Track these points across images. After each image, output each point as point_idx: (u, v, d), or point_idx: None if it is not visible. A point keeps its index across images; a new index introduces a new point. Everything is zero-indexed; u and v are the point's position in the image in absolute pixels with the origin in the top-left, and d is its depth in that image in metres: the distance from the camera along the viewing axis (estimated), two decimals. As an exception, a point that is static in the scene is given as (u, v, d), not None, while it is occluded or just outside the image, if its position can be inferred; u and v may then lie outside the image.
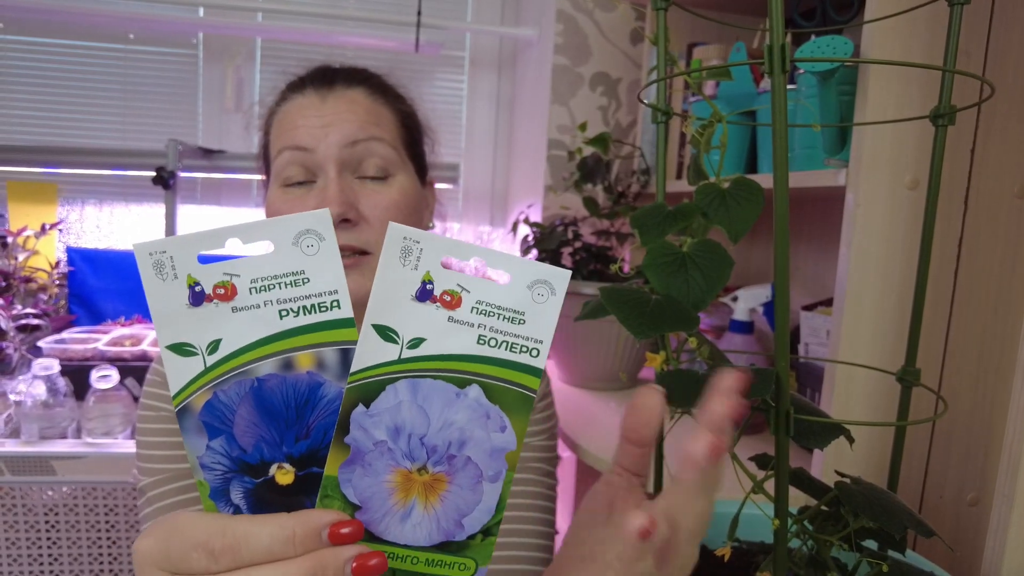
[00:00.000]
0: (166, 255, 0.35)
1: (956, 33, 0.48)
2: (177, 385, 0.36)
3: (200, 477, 0.37)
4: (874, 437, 0.73)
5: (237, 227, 0.35)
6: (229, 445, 0.37)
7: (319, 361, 0.37)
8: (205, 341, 0.36)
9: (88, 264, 1.69)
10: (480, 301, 0.36)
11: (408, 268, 0.35)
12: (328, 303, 0.36)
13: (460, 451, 0.37)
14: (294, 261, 0.36)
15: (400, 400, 0.36)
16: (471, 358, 0.36)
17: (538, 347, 0.37)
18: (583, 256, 1.29)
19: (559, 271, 0.36)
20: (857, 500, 0.41)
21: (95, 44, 1.70)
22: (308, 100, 0.72)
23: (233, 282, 0.36)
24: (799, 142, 0.87)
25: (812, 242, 1.21)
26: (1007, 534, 0.58)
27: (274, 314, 0.36)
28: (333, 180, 0.68)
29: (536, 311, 0.36)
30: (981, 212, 0.71)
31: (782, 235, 0.39)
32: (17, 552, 1.25)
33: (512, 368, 0.37)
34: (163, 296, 0.35)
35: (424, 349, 0.36)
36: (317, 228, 0.35)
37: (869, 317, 0.72)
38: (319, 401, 0.37)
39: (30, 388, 1.26)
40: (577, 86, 1.56)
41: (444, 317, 0.36)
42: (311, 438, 0.37)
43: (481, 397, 0.37)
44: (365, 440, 0.36)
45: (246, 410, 0.36)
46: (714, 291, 0.42)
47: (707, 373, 0.41)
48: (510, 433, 0.37)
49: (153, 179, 1.48)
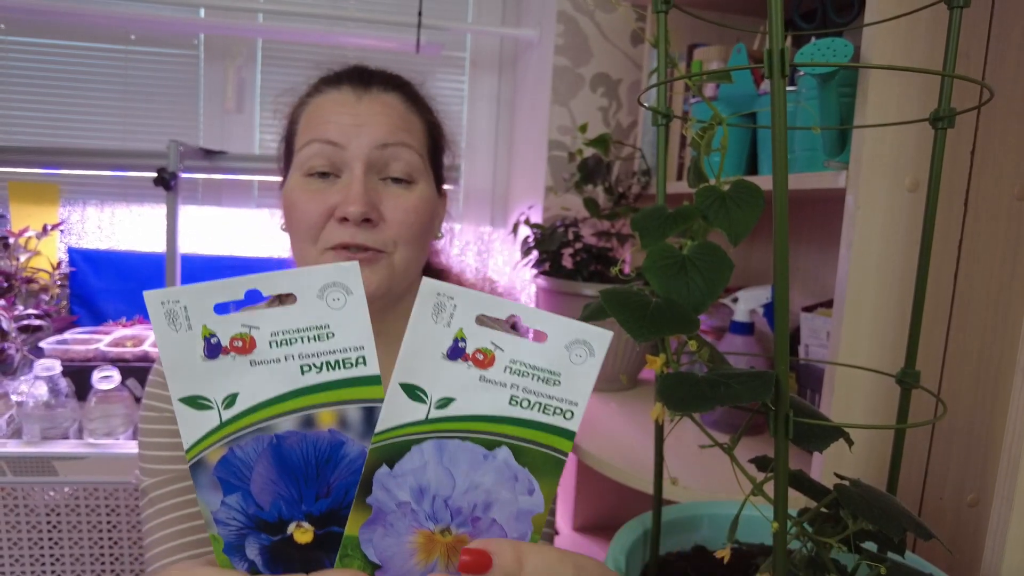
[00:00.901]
0: (179, 304, 0.33)
1: (956, 36, 0.48)
2: (191, 439, 0.35)
3: (214, 531, 0.35)
4: (874, 439, 0.73)
5: (258, 277, 0.34)
6: (245, 502, 0.35)
7: (342, 419, 0.35)
8: (221, 395, 0.35)
9: (89, 265, 1.69)
10: (514, 360, 0.35)
11: (440, 325, 0.34)
12: (353, 359, 0.35)
13: (485, 513, 0.36)
14: (318, 314, 0.34)
15: (426, 461, 0.35)
16: (502, 419, 0.35)
17: (572, 409, 0.36)
18: (584, 257, 1.29)
19: (600, 332, 0.35)
20: (856, 502, 0.41)
21: (96, 45, 1.70)
22: (344, 96, 0.72)
23: (252, 334, 0.34)
24: (799, 144, 0.88)
25: (812, 243, 1.21)
26: (1006, 535, 0.58)
27: (295, 369, 0.35)
28: (358, 179, 0.68)
29: (572, 372, 0.35)
30: (981, 214, 0.71)
31: (782, 239, 0.39)
32: (19, 552, 1.26)
33: (544, 430, 0.36)
34: (176, 347, 0.34)
35: (453, 409, 0.35)
36: (344, 281, 0.34)
37: (869, 319, 0.72)
38: (341, 460, 0.36)
39: (32, 389, 1.26)
40: (578, 87, 1.56)
41: (476, 376, 0.35)
42: (332, 497, 0.36)
43: (510, 459, 0.36)
44: (388, 501, 0.35)
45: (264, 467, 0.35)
46: (714, 294, 0.42)
47: (707, 376, 0.41)
48: (538, 496, 0.36)
49: (155, 180, 1.49)
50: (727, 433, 1.00)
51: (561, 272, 1.28)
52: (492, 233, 1.88)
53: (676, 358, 0.47)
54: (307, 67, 0.80)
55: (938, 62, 0.49)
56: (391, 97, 0.74)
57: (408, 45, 1.65)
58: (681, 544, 0.60)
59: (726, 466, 0.44)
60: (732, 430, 1.01)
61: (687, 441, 0.97)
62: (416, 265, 0.74)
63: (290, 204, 0.71)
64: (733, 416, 1.02)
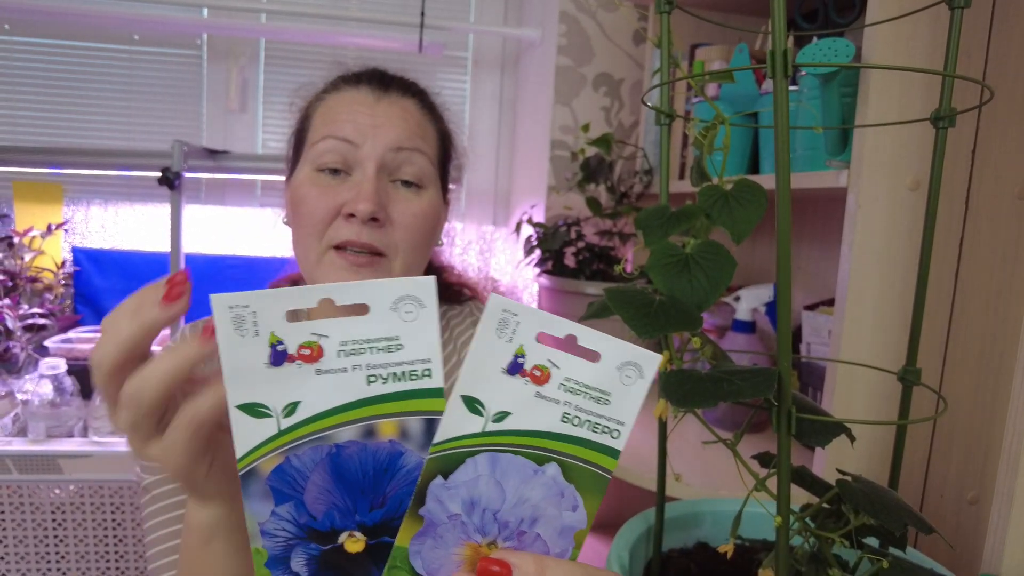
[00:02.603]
0: (248, 310, 0.33)
1: (957, 36, 0.48)
2: (244, 447, 0.34)
3: (258, 544, 0.35)
4: (875, 436, 0.73)
5: (332, 286, 0.33)
6: (298, 512, 0.35)
7: (402, 430, 0.35)
8: (282, 403, 0.34)
9: (93, 264, 1.70)
10: (568, 378, 0.35)
11: (503, 340, 0.35)
12: (420, 372, 0.35)
13: (531, 528, 0.37)
14: (390, 326, 0.34)
15: (479, 474, 0.36)
16: (553, 435, 0.36)
17: (619, 428, 0.36)
18: (586, 256, 1.29)
19: (651, 355, 0.36)
20: (858, 497, 0.41)
21: (100, 45, 1.71)
22: (362, 96, 0.72)
23: (321, 343, 0.34)
24: (801, 143, 0.88)
25: (814, 242, 1.21)
26: (1007, 532, 0.59)
27: (361, 379, 0.35)
28: (370, 178, 0.68)
29: (622, 393, 0.36)
30: (981, 213, 0.72)
31: (784, 239, 0.40)
32: (25, 550, 1.26)
33: (591, 448, 0.36)
34: (240, 353, 0.33)
35: (508, 423, 0.36)
36: (419, 295, 0.34)
37: (870, 317, 0.72)
38: (399, 470, 0.36)
39: (37, 387, 1.26)
40: (580, 87, 1.56)
41: (532, 392, 0.35)
42: (386, 507, 0.36)
43: (558, 476, 0.36)
44: (440, 512, 0.36)
45: (320, 476, 0.35)
46: (717, 292, 0.42)
47: (710, 373, 0.41)
48: (581, 512, 0.37)
49: (159, 180, 1.49)
50: (729, 431, 1.00)
51: (564, 271, 1.29)
52: (494, 232, 1.89)
53: (679, 356, 0.48)
54: (311, 67, 0.80)
55: (939, 62, 0.50)
56: (408, 102, 0.74)
57: (411, 45, 1.66)
58: (684, 541, 0.60)
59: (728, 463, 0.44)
60: (734, 427, 1.02)
61: (690, 439, 0.97)
62: (417, 271, 0.74)
63: (298, 198, 0.70)
64: (735, 413, 1.03)
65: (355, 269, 0.68)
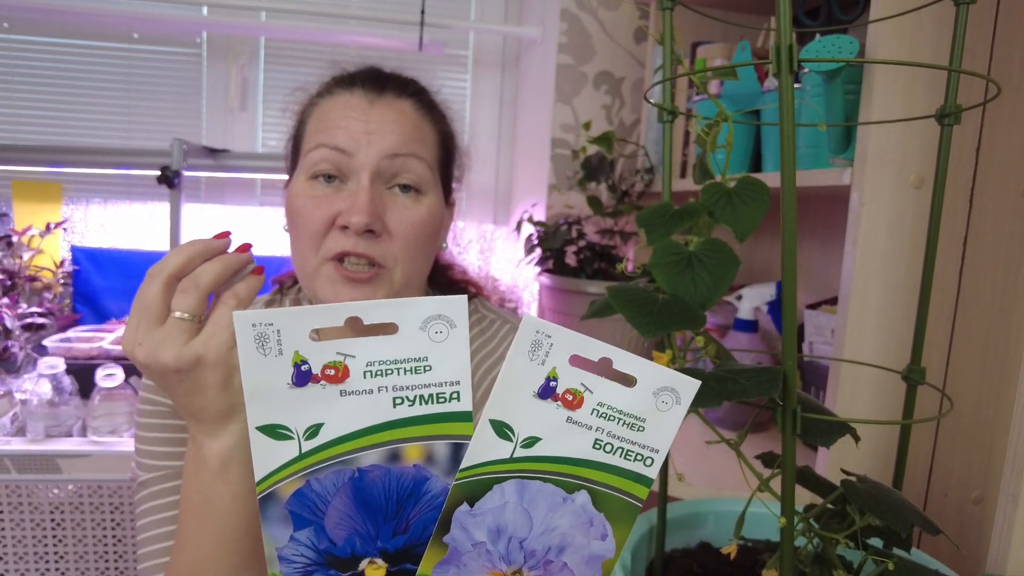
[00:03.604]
0: (272, 328, 0.32)
1: (962, 32, 0.48)
2: (264, 470, 0.33)
3: (276, 570, 0.34)
4: (880, 435, 0.73)
5: (360, 305, 0.33)
6: (317, 537, 0.34)
7: (428, 454, 0.34)
8: (304, 425, 0.33)
9: (93, 263, 1.70)
10: (602, 403, 0.34)
11: (535, 363, 0.34)
12: (448, 394, 0.34)
13: (558, 557, 0.36)
14: (419, 347, 0.33)
15: (506, 501, 0.35)
16: (584, 463, 0.35)
17: (653, 456, 0.35)
18: (587, 255, 1.29)
19: (688, 380, 0.34)
20: (863, 498, 0.41)
21: (99, 44, 1.70)
22: (356, 100, 0.70)
23: (347, 363, 0.33)
24: (804, 141, 0.87)
25: (816, 240, 1.21)
26: (1012, 532, 0.58)
27: (387, 401, 0.34)
28: (365, 188, 0.66)
29: (657, 419, 0.35)
30: (986, 210, 0.71)
31: (790, 236, 0.39)
32: (23, 550, 1.26)
33: (623, 476, 0.35)
34: (261, 372, 0.33)
35: (538, 449, 0.35)
36: (450, 314, 0.33)
37: (874, 315, 0.72)
38: (423, 496, 0.35)
39: (35, 387, 1.26)
40: (581, 85, 1.56)
41: (563, 417, 0.34)
42: (409, 533, 0.35)
43: (588, 504, 0.35)
44: (464, 540, 0.35)
45: (342, 501, 0.34)
46: (721, 290, 0.42)
47: (715, 372, 0.41)
48: (610, 541, 0.36)
49: (158, 178, 1.49)
50: (731, 430, 1.00)
51: (564, 270, 1.28)
52: (495, 231, 1.88)
53: (682, 354, 0.48)
54: (310, 65, 0.79)
55: (943, 59, 0.49)
56: (405, 104, 0.72)
57: (411, 44, 1.65)
58: (687, 541, 0.60)
59: (731, 463, 0.44)
60: (736, 427, 1.01)
61: (692, 439, 0.97)
62: (419, 278, 0.72)
63: (294, 209, 0.69)
64: (738, 413, 1.02)
65: (353, 285, 0.66)
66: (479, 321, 0.83)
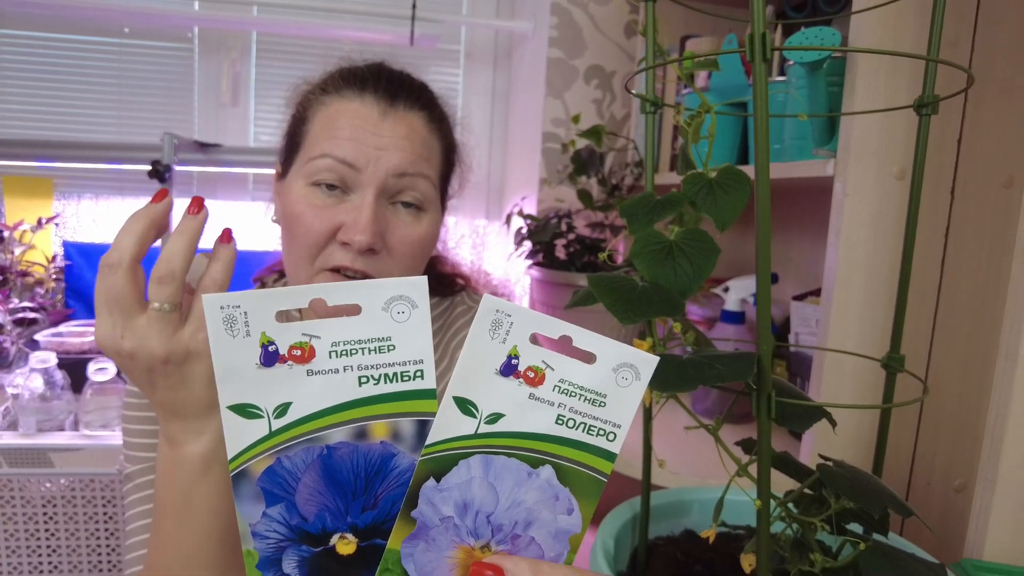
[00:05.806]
0: (239, 310, 0.33)
1: (940, 22, 0.49)
2: (236, 448, 0.34)
3: (249, 546, 0.35)
4: (862, 424, 0.73)
5: (324, 286, 0.33)
6: (289, 513, 0.35)
7: (394, 431, 0.35)
8: (273, 404, 0.34)
9: (84, 258, 1.69)
10: (563, 380, 0.35)
11: (496, 341, 0.34)
12: (412, 372, 0.35)
13: (525, 531, 0.36)
14: (382, 327, 0.34)
15: (472, 476, 0.35)
16: (547, 438, 0.36)
17: (615, 431, 0.36)
18: (577, 248, 1.29)
19: (647, 357, 0.35)
20: (838, 481, 0.42)
21: (90, 38, 1.70)
22: (367, 110, 0.67)
23: (312, 344, 0.34)
24: (790, 133, 0.88)
25: (805, 234, 1.21)
26: (989, 517, 0.59)
27: (353, 380, 0.35)
28: (369, 205, 0.64)
29: (618, 395, 0.36)
30: (968, 202, 0.72)
31: (764, 223, 0.40)
32: (16, 544, 1.26)
33: (587, 451, 0.36)
34: (230, 353, 0.33)
35: (502, 425, 0.35)
36: (411, 295, 0.34)
37: (857, 305, 0.72)
38: (390, 472, 0.36)
39: (27, 381, 1.26)
40: (572, 79, 1.56)
41: (525, 394, 0.35)
42: (378, 509, 0.36)
43: (553, 479, 0.36)
44: (432, 515, 0.36)
45: (312, 478, 0.35)
46: (701, 278, 0.42)
47: (692, 357, 0.41)
48: (577, 516, 0.36)
49: (149, 173, 1.49)
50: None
51: (555, 263, 1.29)
52: (487, 226, 1.89)
53: (663, 343, 0.48)
54: (303, 60, 0.78)
55: (924, 50, 0.50)
56: (416, 118, 0.69)
57: (403, 38, 1.65)
58: (671, 528, 0.61)
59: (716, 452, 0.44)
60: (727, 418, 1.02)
61: (676, 428, 0.98)
62: None
63: (292, 214, 0.67)
64: (724, 403, 1.03)
65: None
66: (466, 311, 0.84)
